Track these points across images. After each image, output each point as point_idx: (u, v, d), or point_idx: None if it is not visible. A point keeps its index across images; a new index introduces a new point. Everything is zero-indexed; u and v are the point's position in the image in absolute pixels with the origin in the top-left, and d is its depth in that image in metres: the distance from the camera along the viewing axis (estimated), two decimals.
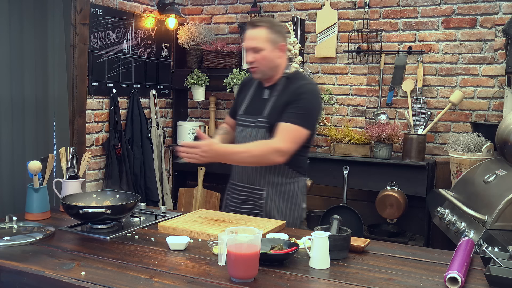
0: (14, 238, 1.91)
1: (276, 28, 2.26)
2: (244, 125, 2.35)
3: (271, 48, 2.24)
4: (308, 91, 2.26)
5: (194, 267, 1.64)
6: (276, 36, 2.25)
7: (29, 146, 2.97)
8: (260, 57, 2.24)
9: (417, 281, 1.56)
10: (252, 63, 2.27)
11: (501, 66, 3.56)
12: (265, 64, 2.26)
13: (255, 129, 2.29)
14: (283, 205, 2.33)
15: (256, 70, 2.28)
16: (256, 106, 2.34)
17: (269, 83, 2.34)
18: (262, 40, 2.22)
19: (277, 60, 2.28)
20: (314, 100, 2.27)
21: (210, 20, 4.56)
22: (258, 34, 2.23)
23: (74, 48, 3.37)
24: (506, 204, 2.30)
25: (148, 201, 3.92)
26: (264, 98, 2.33)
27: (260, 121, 2.28)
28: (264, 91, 2.35)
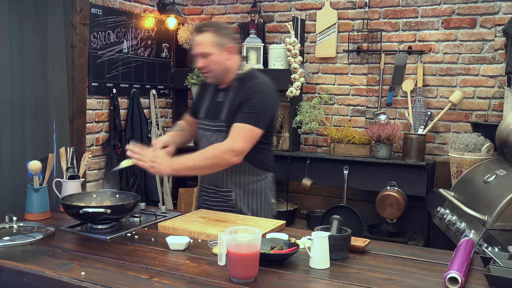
0: (14, 238, 1.91)
1: (222, 31, 2.27)
2: (205, 129, 2.39)
3: (219, 52, 2.26)
4: (259, 90, 2.27)
5: (194, 267, 1.64)
6: (222, 39, 2.26)
7: (29, 146, 2.97)
8: (209, 62, 2.26)
9: (417, 281, 1.56)
10: (203, 68, 2.30)
11: (501, 66, 3.56)
12: (215, 68, 2.28)
13: (216, 133, 2.33)
14: (253, 203, 2.38)
15: (208, 74, 2.32)
16: (214, 109, 2.38)
17: (223, 85, 2.37)
18: (209, 45, 2.24)
19: (226, 62, 2.30)
20: (265, 98, 2.27)
21: (210, 20, 4.55)
22: (204, 39, 2.25)
23: (74, 48, 3.37)
24: (506, 204, 2.30)
25: (148, 201, 3.92)
26: (219, 101, 2.37)
27: (219, 125, 2.32)
28: (219, 94, 2.38)
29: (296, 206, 4.15)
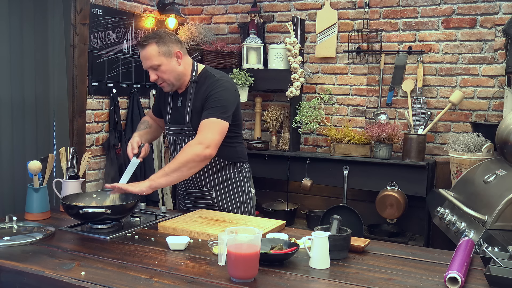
0: (14, 238, 1.91)
1: (165, 39, 2.26)
2: (174, 134, 2.43)
3: (167, 60, 2.27)
4: (218, 85, 2.30)
5: (194, 267, 1.64)
6: (167, 47, 2.26)
7: (29, 146, 2.97)
8: (161, 73, 2.28)
9: (417, 281, 1.56)
10: (157, 80, 2.31)
11: (501, 66, 3.56)
12: (168, 77, 2.30)
13: (185, 137, 2.37)
14: (234, 197, 2.45)
15: (164, 84, 2.34)
16: (177, 114, 2.40)
17: (181, 90, 2.40)
18: (156, 57, 2.25)
19: (178, 68, 2.31)
20: (224, 92, 2.29)
21: (210, 20, 4.56)
22: (149, 52, 2.25)
23: (74, 48, 3.37)
24: (506, 204, 2.30)
25: (148, 201, 3.91)
26: (180, 106, 2.39)
27: (186, 129, 2.36)
28: (178, 99, 2.41)
29: (296, 206, 4.15)
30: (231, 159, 2.44)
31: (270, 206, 4.12)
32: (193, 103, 2.33)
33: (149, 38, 2.26)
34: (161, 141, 4.24)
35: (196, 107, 2.32)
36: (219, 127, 2.24)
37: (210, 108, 2.26)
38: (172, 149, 2.48)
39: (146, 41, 2.25)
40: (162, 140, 4.26)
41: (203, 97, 2.30)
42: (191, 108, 2.34)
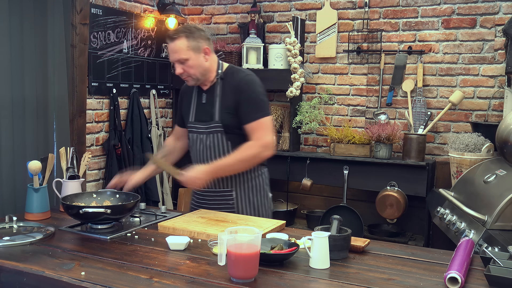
0: (14, 238, 1.91)
1: (195, 34, 2.26)
2: (198, 132, 2.38)
3: (196, 55, 2.26)
4: (250, 83, 2.31)
5: (194, 267, 1.64)
6: (197, 42, 2.26)
7: (29, 146, 2.97)
8: (187, 67, 2.27)
9: (417, 281, 1.56)
10: (182, 74, 2.30)
11: (501, 66, 3.56)
12: (194, 72, 2.29)
13: (211, 134, 2.33)
14: (254, 199, 2.40)
15: (188, 79, 2.32)
16: (203, 111, 2.37)
17: (206, 87, 2.37)
18: (184, 51, 2.24)
19: (205, 64, 2.30)
20: (259, 88, 2.32)
21: (210, 20, 4.56)
22: (178, 45, 2.24)
23: (74, 48, 3.37)
24: (506, 204, 2.30)
25: (148, 201, 3.92)
26: (205, 103, 2.37)
27: (214, 126, 2.32)
28: (203, 96, 2.38)
29: (296, 206, 4.15)
30: None
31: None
32: (221, 99, 2.31)
33: (180, 32, 2.25)
34: (161, 141, 4.24)
35: (227, 103, 2.29)
36: (270, 125, 2.30)
37: (254, 109, 2.26)
38: (195, 148, 2.40)
39: (176, 34, 2.25)
40: (162, 140, 4.26)
41: (234, 93, 2.28)
42: (220, 104, 2.31)
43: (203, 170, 2.23)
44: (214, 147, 2.33)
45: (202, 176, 2.22)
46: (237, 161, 2.26)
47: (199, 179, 2.22)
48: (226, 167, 2.28)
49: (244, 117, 2.28)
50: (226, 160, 2.28)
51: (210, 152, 2.34)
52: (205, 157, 2.35)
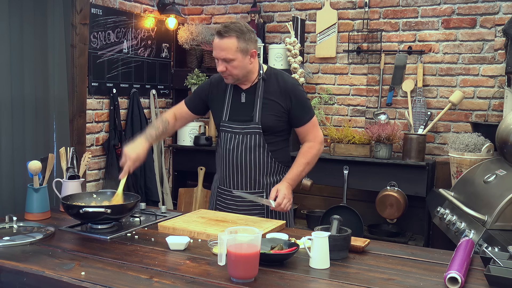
0: (14, 238, 1.91)
1: (246, 36, 2.21)
2: (234, 132, 2.34)
3: (242, 57, 2.22)
4: (297, 86, 2.36)
5: (194, 267, 1.64)
6: (247, 44, 2.21)
7: (29, 146, 2.97)
8: (231, 67, 2.23)
9: (417, 281, 1.56)
10: (224, 72, 2.26)
11: (501, 66, 3.56)
12: (237, 72, 2.25)
13: (248, 135, 2.31)
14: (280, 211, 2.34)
15: (229, 77, 2.28)
16: (241, 112, 2.34)
17: (246, 86, 2.34)
18: (233, 51, 2.19)
19: (249, 66, 2.27)
20: (302, 88, 2.40)
21: (210, 20, 4.56)
22: (228, 44, 2.18)
23: (74, 48, 3.37)
24: (506, 204, 2.30)
25: (148, 201, 3.92)
26: (244, 103, 2.33)
27: (253, 127, 2.30)
28: (242, 95, 2.34)
29: (296, 206, 4.15)
30: (285, 163, 2.40)
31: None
32: (264, 101, 2.30)
33: (232, 31, 2.18)
34: (161, 141, 4.24)
35: (271, 105, 2.29)
36: (318, 123, 2.43)
37: (305, 110, 2.34)
38: (228, 147, 2.35)
39: (227, 32, 2.18)
40: (162, 140, 4.26)
41: (283, 96, 2.29)
42: (261, 105, 2.29)
43: (286, 188, 2.26)
44: (251, 148, 2.31)
45: (290, 196, 2.27)
46: (306, 165, 2.35)
47: (290, 200, 2.27)
48: (300, 174, 2.35)
49: (299, 120, 2.34)
50: (297, 168, 2.33)
51: (246, 153, 2.31)
52: (239, 157, 2.32)
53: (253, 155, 2.31)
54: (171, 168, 4.52)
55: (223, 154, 2.37)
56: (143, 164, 3.94)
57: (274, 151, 2.34)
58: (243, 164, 2.32)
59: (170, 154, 4.50)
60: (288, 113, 2.31)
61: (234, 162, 2.33)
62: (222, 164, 2.38)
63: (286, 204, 2.24)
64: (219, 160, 2.42)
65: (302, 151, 2.37)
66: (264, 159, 2.32)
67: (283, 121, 2.33)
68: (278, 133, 2.34)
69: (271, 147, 2.33)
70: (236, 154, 2.32)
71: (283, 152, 2.39)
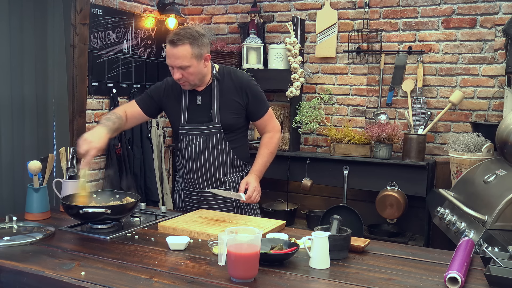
0: (14, 238, 1.91)
1: (199, 42, 2.21)
2: (194, 134, 2.35)
3: (197, 63, 2.22)
4: (251, 81, 2.40)
5: (194, 267, 1.64)
6: (200, 49, 2.22)
7: (29, 146, 2.97)
8: (187, 74, 2.23)
9: (417, 281, 1.56)
10: (180, 79, 2.26)
11: (501, 66, 3.56)
12: (194, 78, 2.26)
13: (209, 135, 2.34)
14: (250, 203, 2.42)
15: (185, 84, 2.29)
16: (198, 113, 2.35)
17: (200, 88, 2.36)
18: (188, 58, 2.19)
19: (204, 70, 2.29)
20: (256, 83, 2.43)
21: (210, 20, 4.56)
22: (181, 52, 2.17)
23: (74, 48, 3.37)
24: (506, 204, 2.30)
25: (148, 201, 3.92)
26: (200, 105, 2.35)
27: (213, 127, 2.33)
28: (198, 97, 2.36)
29: (296, 206, 4.15)
30: (245, 159, 2.47)
31: (270, 206, 4.12)
32: (221, 100, 2.32)
33: (184, 38, 2.17)
34: (161, 141, 4.24)
35: (228, 103, 2.32)
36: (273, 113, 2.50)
37: (261, 103, 2.40)
38: (189, 148, 2.36)
39: (180, 40, 2.17)
40: (162, 140, 4.26)
41: (238, 92, 2.33)
42: (218, 105, 2.32)
43: (255, 180, 2.33)
44: (213, 147, 2.34)
45: (259, 188, 2.34)
46: (269, 155, 2.43)
47: (259, 192, 2.34)
48: (265, 165, 2.41)
49: (256, 114, 2.40)
50: (261, 159, 2.40)
51: (209, 153, 2.35)
52: (202, 158, 2.36)
53: (216, 154, 2.35)
54: (171, 168, 4.52)
55: (186, 156, 2.40)
56: (143, 164, 3.96)
57: (235, 148, 2.39)
58: (206, 164, 2.36)
59: (170, 154, 4.50)
60: (245, 108, 2.37)
61: (197, 163, 2.36)
62: (186, 166, 2.41)
63: (256, 196, 2.32)
64: (181, 162, 2.44)
65: (263, 142, 2.45)
66: (226, 157, 2.37)
67: (242, 117, 2.38)
68: (238, 130, 2.40)
69: (232, 145, 2.38)
70: (198, 154, 2.35)
71: (243, 148, 2.45)
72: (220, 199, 2.39)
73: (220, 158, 2.36)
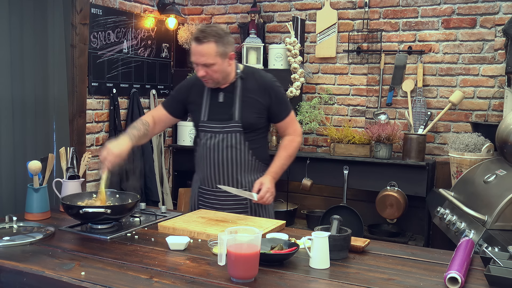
0: (14, 238, 1.91)
1: (224, 40, 2.22)
2: (214, 132, 2.34)
3: (222, 61, 2.23)
4: (275, 82, 2.40)
5: (194, 267, 1.64)
6: (225, 48, 2.22)
7: (29, 146, 2.97)
8: (211, 71, 2.23)
9: (417, 281, 1.56)
10: (204, 77, 2.26)
11: (501, 66, 3.56)
12: (218, 76, 2.26)
13: (229, 134, 2.32)
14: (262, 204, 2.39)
15: (209, 81, 2.29)
16: (220, 111, 2.34)
17: (223, 86, 2.35)
18: (212, 56, 2.19)
19: (228, 69, 2.29)
20: (280, 84, 2.44)
21: (210, 20, 4.56)
22: (206, 50, 2.18)
23: (74, 48, 3.37)
24: (506, 204, 2.30)
25: (148, 201, 3.92)
26: (222, 102, 2.34)
27: (233, 125, 2.31)
28: (220, 95, 2.35)
29: (296, 206, 4.15)
30: (264, 160, 2.43)
31: None
32: (243, 99, 2.31)
33: (210, 36, 2.18)
34: (161, 141, 4.24)
35: (251, 103, 2.31)
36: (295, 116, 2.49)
37: (284, 105, 2.39)
38: (208, 146, 2.34)
39: (206, 38, 2.17)
40: (162, 140, 4.26)
41: (262, 93, 2.32)
42: (240, 104, 2.31)
43: (270, 182, 2.31)
44: (232, 146, 2.32)
45: (273, 189, 2.32)
46: (288, 158, 2.41)
47: (272, 194, 2.31)
48: (282, 167, 2.40)
49: (278, 115, 2.39)
50: (279, 161, 2.38)
51: (227, 152, 2.32)
52: (220, 156, 2.33)
53: (234, 153, 2.33)
54: (171, 168, 4.52)
55: (204, 154, 2.38)
56: (143, 164, 3.96)
57: (254, 148, 2.36)
58: (224, 162, 2.34)
59: (170, 154, 4.50)
60: (267, 109, 2.35)
61: (215, 161, 2.35)
62: (203, 164, 2.39)
63: (269, 197, 2.29)
64: (199, 160, 2.42)
65: (283, 145, 2.43)
66: (245, 157, 2.35)
67: (263, 117, 2.36)
68: (258, 130, 2.37)
69: (252, 145, 2.35)
70: (216, 152, 2.34)
71: (262, 150, 2.42)
72: (235, 200, 2.36)
73: (238, 157, 2.33)
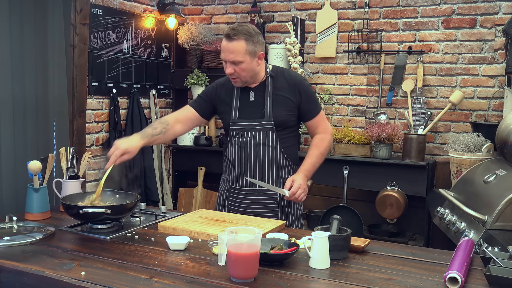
0: (14, 238, 1.91)
1: (254, 39, 2.22)
2: (245, 130, 2.34)
3: (251, 60, 2.23)
4: (302, 79, 2.43)
5: (194, 267, 1.64)
6: (255, 47, 2.23)
7: (29, 146, 2.97)
8: (240, 70, 2.23)
9: (417, 281, 1.56)
10: (232, 75, 2.26)
11: (501, 66, 3.56)
12: (245, 75, 2.26)
13: (261, 132, 2.32)
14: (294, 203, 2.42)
15: (237, 80, 2.29)
16: (250, 110, 2.35)
17: (253, 85, 2.35)
18: (242, 54, 2.20)
19: (256, 68, 2.29)
20: (309, 83, 2.46)
21: (210, 20, 4.56)
22: (236, 47, 2.19)
23: (74, 48, 3.37)
24: (506, 204, 2.30)
25: (148, 201, 3.92)
26: (253, 101, 2.34)
27: (265, 123, 2.31)
28: (250, 94, 2.35)
29: None
30: (294, 161, 2.43)
31: None
32: (274, 97, 2.32)
33: (240, 33, 2.19)
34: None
35: (282, 101, 2.32)
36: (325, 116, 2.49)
37: (314, 104, 2.40)
38: (240, 144, 2.34)
39: (236, 35, 2.19)
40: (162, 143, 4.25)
41: (292, 91, 2.33)
42: (271, 102, 2.31)
43: (302, 179, 2.28)
44: (264, 144, 2.32)
45: (305, 186, 2.29)
46: (319, 156, 2.39)
47: (305, 191, 2.29)
48: (314, 165, 2.37)
49: (308, 113, 2.38)
50: (311, 159, 2.37)
51: (259, 149, 2.32)
52: (252, 154, 2.33)
53: (266, 151, 2.33)
54: (171, 168, 4.52)
55: (235, 152, 2.36)
56: (143, 164, 3.96)
57: (285, 147, 2.37)
58: (256, 160, 2.33)
59: (170, 154, 4.50)
60: (298, 107, 2.36)
61: (247, 159, 2.34)
62: (234, 163, 2.38)
63: (301, 194, 2.26)
64: (230, 159, 2.41)
65: (314, 143, 2.42)
66: (276, 155, 2.34)
67: (294, 115, 2.36)
68: (289, 128, 2.38)
69: (283, 143, 2.35)
70: (248, 150, 2.33)
71: (293, 149, 2.43)
72: (265, 201, 2.35)
73: (270, 155, 2.33)
